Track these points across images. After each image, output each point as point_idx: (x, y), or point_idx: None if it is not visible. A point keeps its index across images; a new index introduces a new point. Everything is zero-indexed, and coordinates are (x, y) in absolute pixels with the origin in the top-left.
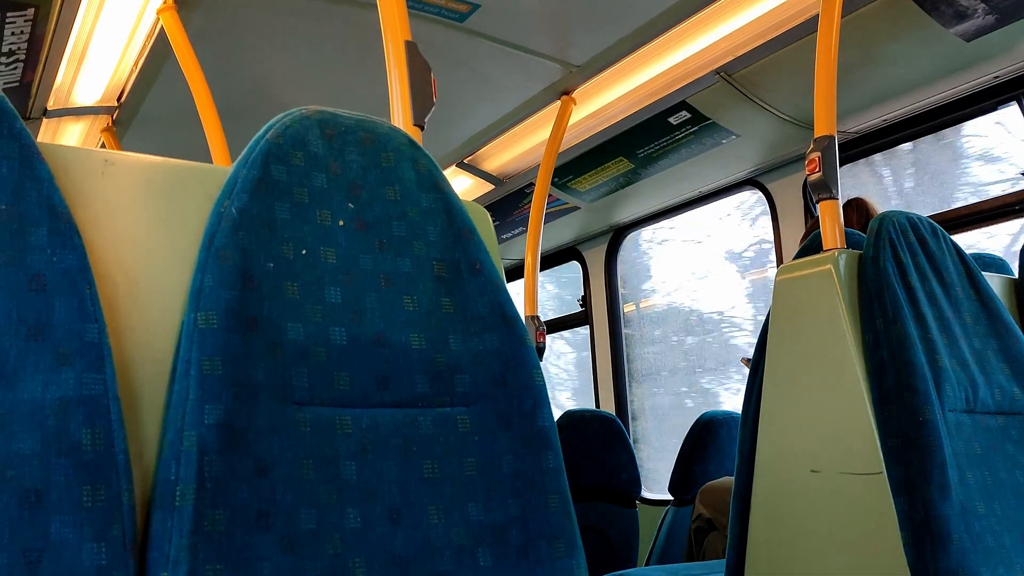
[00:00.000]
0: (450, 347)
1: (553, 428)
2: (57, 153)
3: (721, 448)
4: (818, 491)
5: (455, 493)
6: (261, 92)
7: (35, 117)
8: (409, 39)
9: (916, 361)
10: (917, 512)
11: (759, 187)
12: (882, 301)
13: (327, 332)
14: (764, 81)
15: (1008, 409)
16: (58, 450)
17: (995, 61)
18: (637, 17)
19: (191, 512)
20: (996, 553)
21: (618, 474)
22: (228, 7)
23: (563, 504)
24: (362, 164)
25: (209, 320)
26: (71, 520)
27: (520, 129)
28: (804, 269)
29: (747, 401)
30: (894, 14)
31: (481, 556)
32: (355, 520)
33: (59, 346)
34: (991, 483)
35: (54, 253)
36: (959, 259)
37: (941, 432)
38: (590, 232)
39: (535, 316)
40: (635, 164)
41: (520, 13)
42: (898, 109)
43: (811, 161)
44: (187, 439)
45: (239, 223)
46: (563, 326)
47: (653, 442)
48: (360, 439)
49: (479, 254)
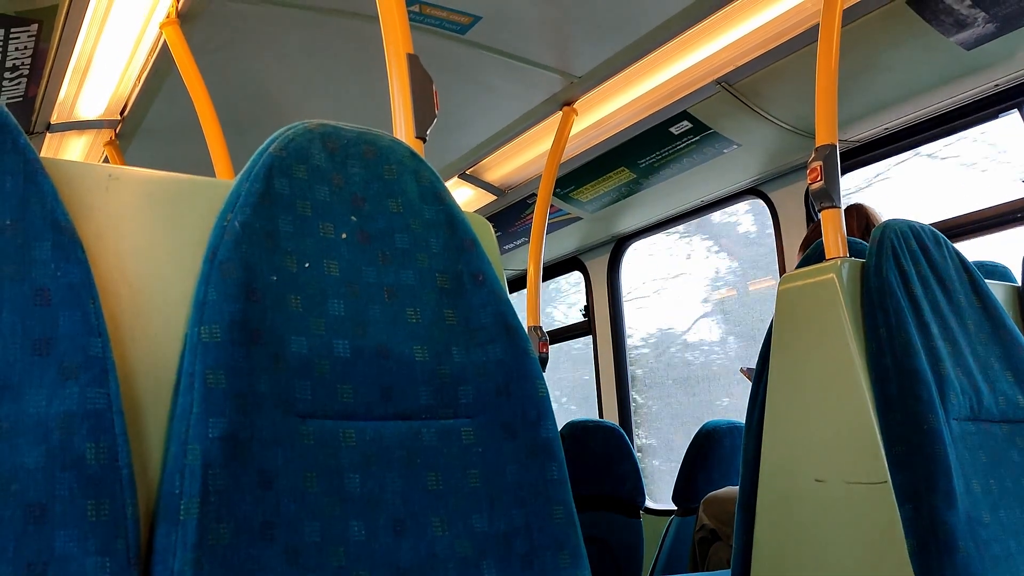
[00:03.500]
0: (453, 359)
1: (557, 438)
2: (61, 168)
3: (725, 458)
4: (823, 500)
5: (459, 504)
6: (263, 105)
7: (39, 132)
8: (411, 52)
9: (920, 369)
10: (922, 521)
11: (761, 196)
12: (885, 309)
13: (330, 344)
14: (765, 90)
15: (1012, 417)
16: (62, 464)
17: (995, 69)
18: (638, 28)
19: (195, 525)
20: (1002, 561)
21: (622, 484)
22: (230, 21)
23: (567, 514)
24: (364, 177)
25: (213, 333)
26: (75, 534)
27: (522, 140)
28: (807, 278)
29: (751, 410)
30: (894, 23)
31: (486, 567)
32: (359, 532)
33: (63, 360)
34: (996, 491)
35: (58, 267)
36: (962, 267)
37: (946, 440)
38: (592, 242)
39: (537, 327)
40: (637, 174)
41: (521, 25)
42: (899, 117)
43: (813, 170)
44: (191, 452)
45: (242, 236)
46: (566, 336)
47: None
48: (364, 451)
49: (481, 265)
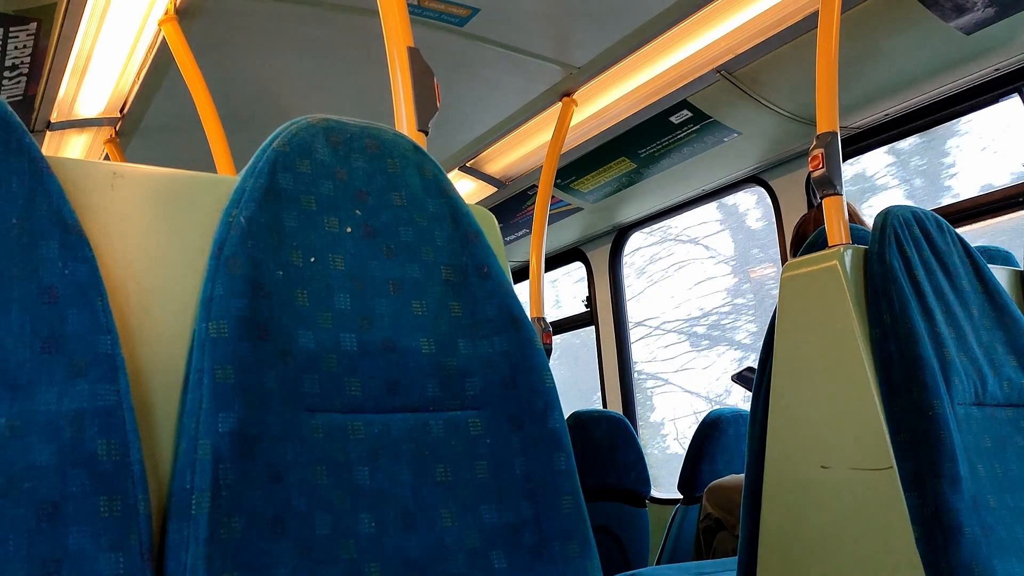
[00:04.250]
0: (460, 351)
1: (564, 429)
2: (66, 166)
3: (729, 446)
4: (829, 487)
5: (468, 496)
6: (264, 101)
7: (39, 130)
8: (411, 45)
9: (924, 355)
10: (928, 506)
11: (762, 184)
12: (889, 296)
13: (337, 338)
14: (765, 78)
15: (1017, 401)
16: (74, 461)
17: (996, 54)
18: (637, 17)
19: (207, 520)
20: (1009, 545)
21: (627, 474)
22: (229, 16)
23: (576, 505)
24: (368, 171)
25: (220, 329)
26: (88, 531)
27: (522, 131)
28: (810, 265)
29: (755, 398)
30: (894, 9)
31: (495, 558)
32: (369, 525)
33: (73, 357)
34: (1002, 475)
35: (66, 266)
36: (964, 252)
37: (951, 425)
38: (593, 232)
39: (541, 318)
40: (637, 164)
41: (520, 16)
42: (900, 103)
43: (814, 157)
44: (201, 448)
45: (248, 232)
46: (568, 327)
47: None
48: (372, 444)
49: (486, 257)
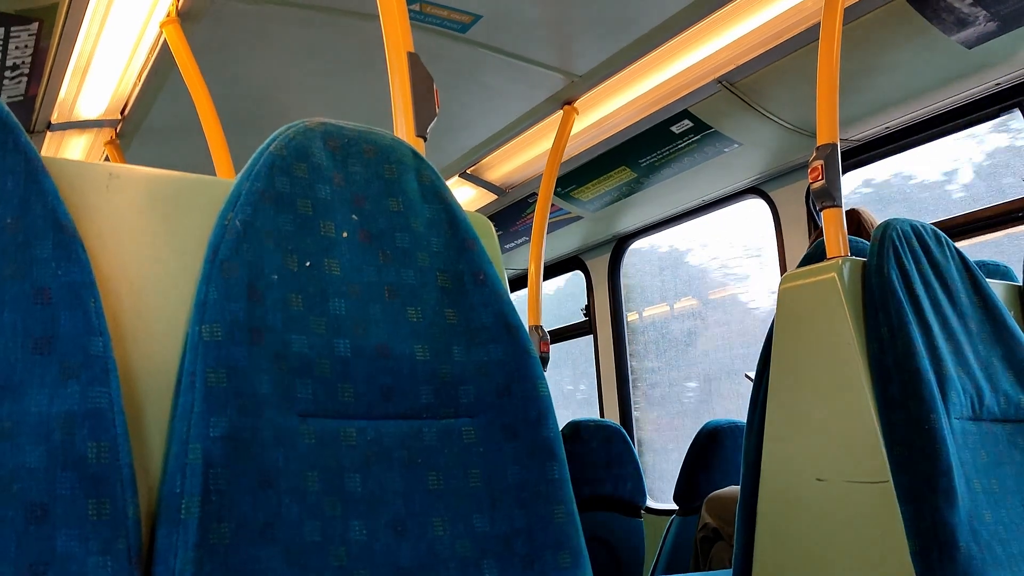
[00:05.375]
0: (454, 358)
1: (558, 438)
2: (62, 167)
3: (726, 457)
4: (824, 500)
5: (460, 504)
6: (264, 104)
7: (39, 130)
8: (412, 50)
9: (921, 369)
10: (924, 520)
11: (762, 195)
12: (887, 309)
13: (331, 344)
14: (766, 89)
15: (1014, 416)
16: (64, 463)
17: (997, 68)
18: (639, 27)
19: (196, 525)
20: (1004, 561)
21: (623, 484)
22: (231, 19)
23: (569, 515)
24: (365, 176)
25: (214, 332)
26: (77, 534)
27: (523, 139)
28: (808, 277)
29: (752, 410)
30: (895, 22)
31: (487, 568)
32: (360, 532)
33: (65, 359)
34: (998, 491)
35: (59, 266)
36: (963, 266)
37: (947, 440)
38: (593, 241)
39: (539, 326)
40: (638, 173)
41: (522, 24)
42: (900, 116)
43: (814, 169)
44: (192, 452)
45: (243, 235)
46: (566, 336)
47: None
48: (365, 451)
49: (483, 265)
